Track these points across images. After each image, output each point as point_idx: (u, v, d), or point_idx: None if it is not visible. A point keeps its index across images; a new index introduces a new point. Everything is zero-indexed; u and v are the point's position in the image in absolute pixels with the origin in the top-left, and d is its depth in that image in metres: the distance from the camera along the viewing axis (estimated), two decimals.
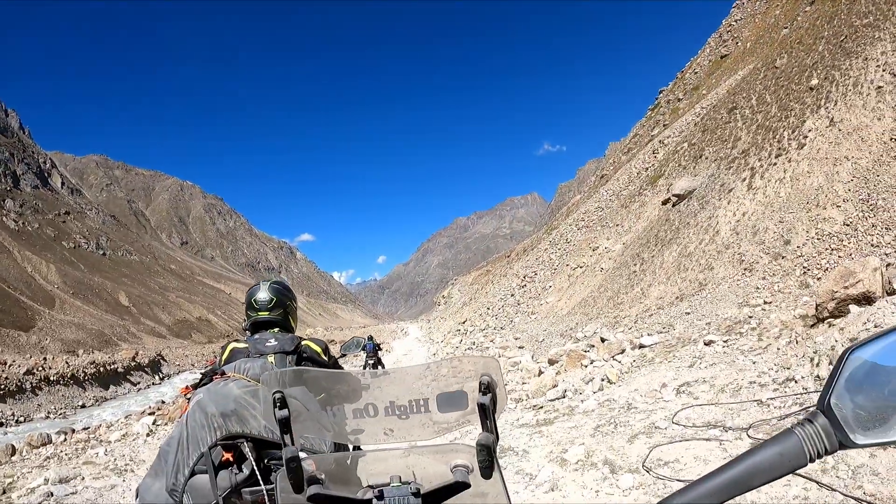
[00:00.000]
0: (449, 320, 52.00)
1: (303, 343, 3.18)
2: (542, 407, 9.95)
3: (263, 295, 3.34)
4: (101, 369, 43.34)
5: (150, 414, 23.70)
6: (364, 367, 19.47)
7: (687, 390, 8.06)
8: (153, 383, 48.24)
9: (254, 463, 2.39)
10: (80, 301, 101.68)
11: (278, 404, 1.46)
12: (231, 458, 2.41)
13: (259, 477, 2.38)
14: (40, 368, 38.57)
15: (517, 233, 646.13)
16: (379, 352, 21.05)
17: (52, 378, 38.11)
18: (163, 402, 31.57)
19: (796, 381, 6.75)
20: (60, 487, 8.34)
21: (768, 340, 9.04)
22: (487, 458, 1.35)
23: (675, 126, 37.33)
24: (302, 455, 1.39)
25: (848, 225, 13.65)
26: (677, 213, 22.29)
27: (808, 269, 13.32)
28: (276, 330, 3.24)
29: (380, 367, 20.44)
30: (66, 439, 16.26)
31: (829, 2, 26.15)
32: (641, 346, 12.29)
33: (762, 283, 14.03)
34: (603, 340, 14.97)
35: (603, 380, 10.49)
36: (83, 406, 36.38)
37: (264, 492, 2.37)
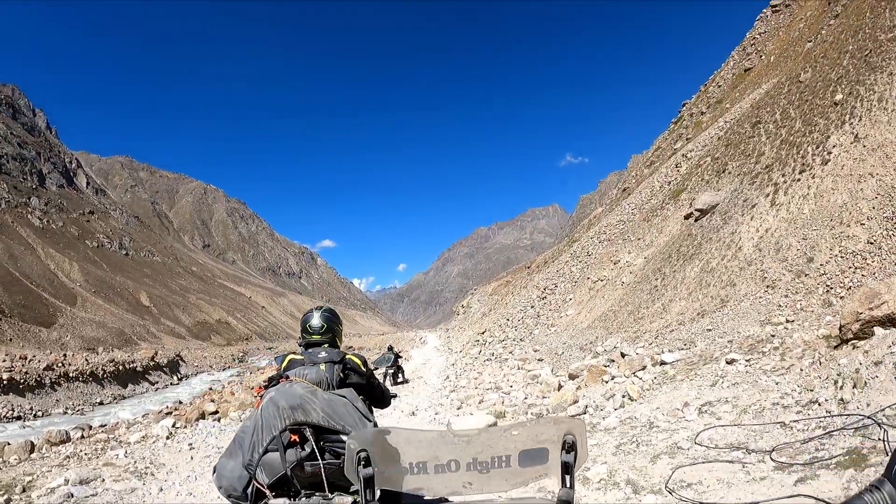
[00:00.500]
0: (468, 330, 51.29)
1: (347, 357, 3.93)
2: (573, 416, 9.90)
3: (316, 322, 4.07)
4: (121, 368, 43.79)
5: (167, 414, 23.79)
6: (385, 376, 21.18)
7: (709, 410, 7.95)
8: (171, 383, 48.60)
9: (314, 444, 3.18)
10: (101, 300, 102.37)
11: (363, 462, 1.61)
12: (296, 440, 3.20)
13: (317, 454, 3.17)
14: (60, 365, 38.97)
15: (538, 244, 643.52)
16: (399, 360, 22.38)
17: (71, 375, 38.57)
18: (180, 402, 31.75)
19: (820, 404, 6.64)
20: (81, 489, 8.34)
21: (791, 360, 8.90)
22: None
23: (699, 140, 37.04)
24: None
25: (872, 243, 13.42)
26: (700, 227, 22.08)
27: (832, 288, 13.13)
28: (325, 345, 4.00)
29: (400, 374, 21.98)
30: (83, 436, 16.37)
31: (854, 16, 25.89)
32: (663, 363, 12.12)
33: (785, 301, 13.86)
34: (623, 356, 14.80)
35: (624, 396, 10.36)
36: (101, 403, 36.74)
37: (321, 465, 3.16)
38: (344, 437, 3.18)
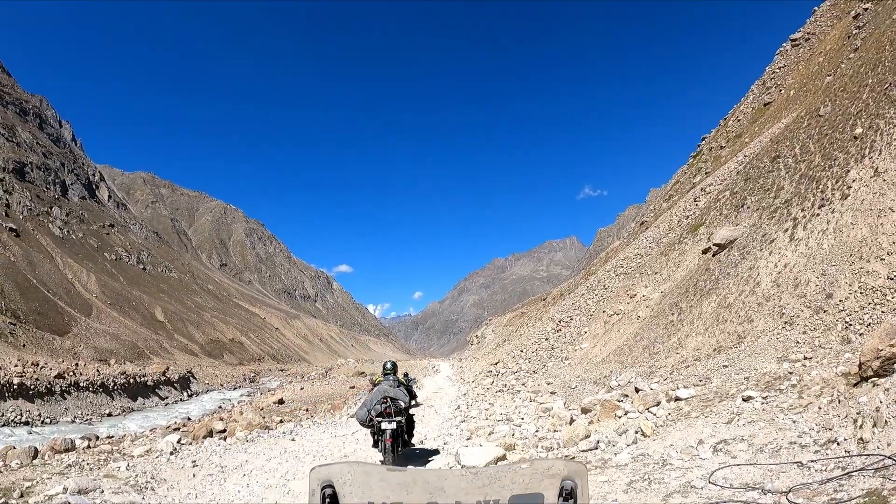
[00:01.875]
0: (481, 360, 50.74)
1: (402, 380, 11.76)
2: (573, 458, 9.66)
3: (388, 367, 11.78)
4: (132, 381, 43.81)
5: (175, 430, 23.61)
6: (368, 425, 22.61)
7: (724, 448, 7.74)
8: (181, 399, 48.49)
9: (392, 408, 10.63)
10: (116, 312, 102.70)
11: (328, 500, 1.50)
12: (385, 401, 10.68)
13: (392, 413, 10.58)
14: (71, 373, 39.07)
15: (554, 276, 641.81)
16: (413, 386, 22.06)
17: (81, 384, 38.58)
18: (189, 418, 31.66)
19: (839, 444, 6.46)
20: (79, 498, 8.22)
21: (809, 398, 8.66)
22: None
23: (718, 174, 36.75)
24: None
25: (892, 279, 13.08)
26: (717, 262, 21.76)
27: (851, 325, 12.79)
28: (391, 374, 11.57)
29: (413, 400, 21.60)
30: (88, 446, 16.26)
31: (874, 49, 25.61)
32: (677, 399, 11.88)
33: (803, 338, 13.54)
34: (637, 391, 14.56)
35: (637, 432, 10.24)
36: (109, 414, 36.71)
37: (395, 421, 10.52)
38: (400, 403, 10.84)
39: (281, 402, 35.07)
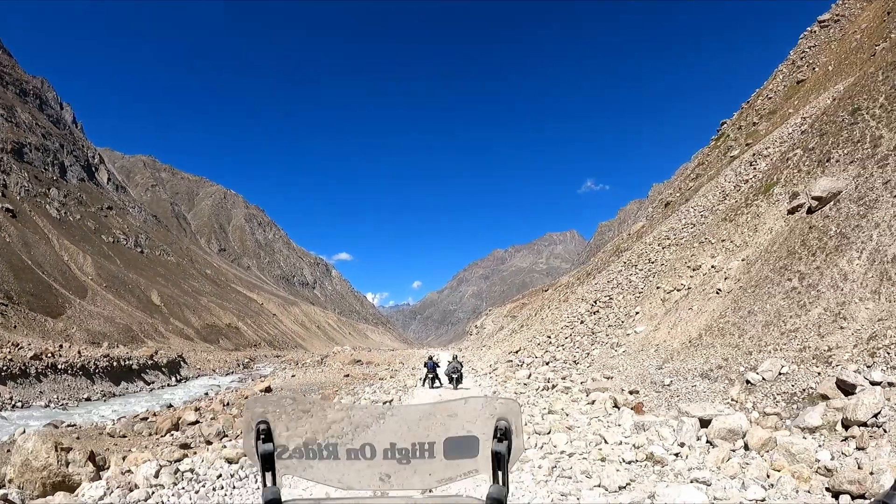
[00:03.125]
0: (494, 349, 48.34)
1: (458, 357, 28.61)
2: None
3: (433, 355, 35.46)
4: (115, 364, 41.83)
5: (143, 420, 21.95)
6: (423, 382, 26.46)
7: None
8: (168, 384, 46.50)
9: (436, 367, 26.49)
10: (111, 294, 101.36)
11: (262, 437, 1.37)
12: (431, 363, 26.68)
13: (435, 372, 26.24)
14: (49, 355, 37.07)
15: (554, 269, 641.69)
16: (438, 367, 27.06)
17: (59, 366, 36.60)
18: (170, 405, 29.94)
19: None
20: None
21: None
22: None
23: (770, 139, 34.28)
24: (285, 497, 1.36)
25: None
26: (824, 218, 18.87)
27: None
28: (434, 356, 31.11)
29: (437, 381, 26.41)
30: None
31: None
32: None
33: None
34: (846, 389, 11.13)
35: None
36: (88, 399, 34.78)
37: (438, 377, 26.38)
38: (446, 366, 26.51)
39: (269, 389, 33.40)
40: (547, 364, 27.49)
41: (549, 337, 32.26)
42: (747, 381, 14.30)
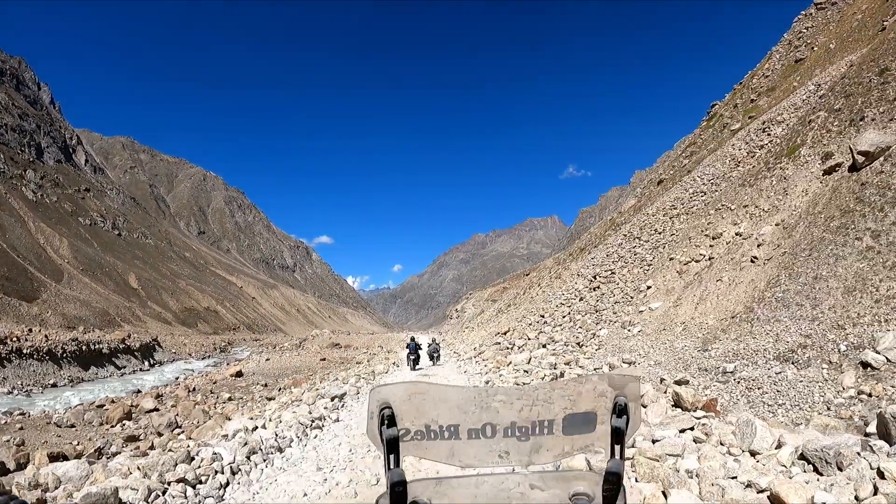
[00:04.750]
0: (478, 330, 46.62)
1: (435, 341, 32.04)
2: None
3: (414, 337, 31.97)
4: (84, 348, 40.79)
5: (98, 407, 21.30)
6: (407, 362, 26.48)
7: None
8: (140, 369, 45.41)
9: (418, 349, 27.08)
10: (88, 278, 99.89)
11: (386, 422, 1.39)
12: (413, 344, 27.15)
13: (417, 354, 26.92)
14: (14, 339, 36.08)
15: (534, 254, 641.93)
16: (420, 349, 27.62)
17: (25, 351, 35.63)
18: (138, 391, 29.26)
19: None
20: None
21: None
22: (614, 488, 1.33)
23: (783, 105, 32.80)
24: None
25: None
26: (877, 173, 16.95)
27: None
28: (414, 337, 31.44)
29: (418, 362, 27.09)
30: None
31: None
32: None
33: None
34: None
35: None
36: (54, 385, 33.72)
37: (421, 353, 27.75)
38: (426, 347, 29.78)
39: (239, 374, 32.82)
40: (544, 346, 24.84)
41: (543, 316, 30.35)
42: (863, 364, 11.02)
